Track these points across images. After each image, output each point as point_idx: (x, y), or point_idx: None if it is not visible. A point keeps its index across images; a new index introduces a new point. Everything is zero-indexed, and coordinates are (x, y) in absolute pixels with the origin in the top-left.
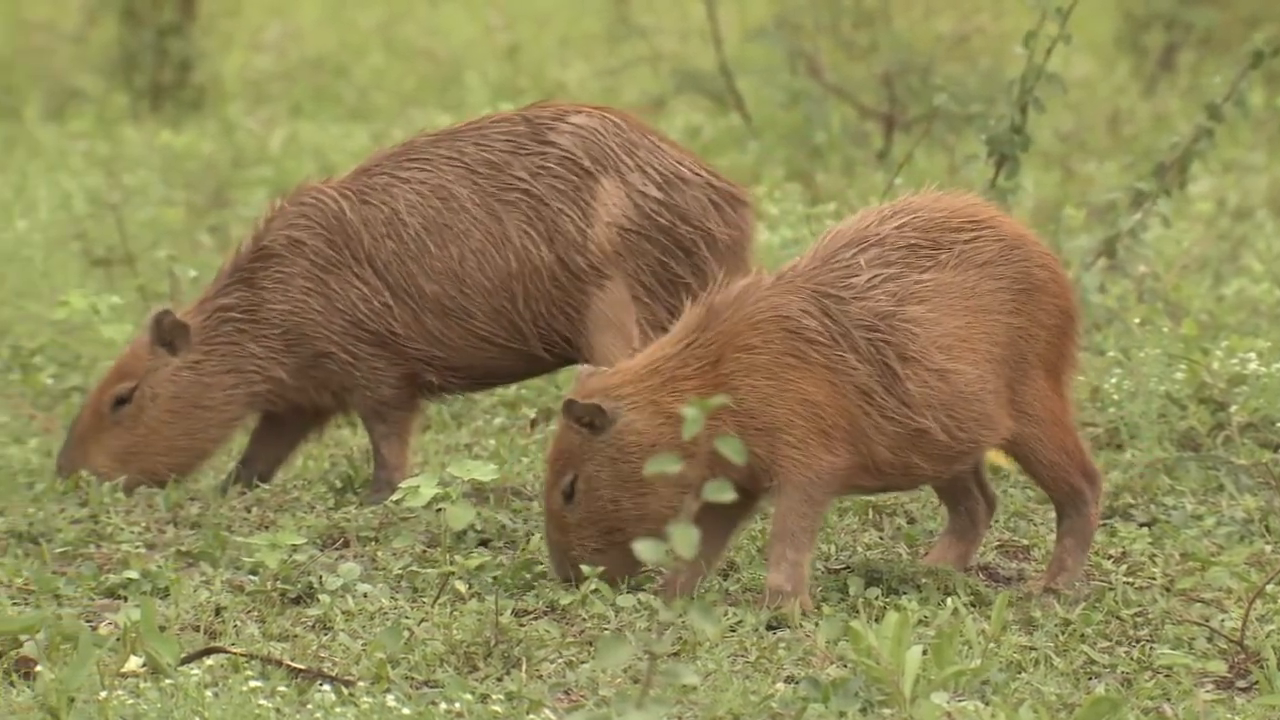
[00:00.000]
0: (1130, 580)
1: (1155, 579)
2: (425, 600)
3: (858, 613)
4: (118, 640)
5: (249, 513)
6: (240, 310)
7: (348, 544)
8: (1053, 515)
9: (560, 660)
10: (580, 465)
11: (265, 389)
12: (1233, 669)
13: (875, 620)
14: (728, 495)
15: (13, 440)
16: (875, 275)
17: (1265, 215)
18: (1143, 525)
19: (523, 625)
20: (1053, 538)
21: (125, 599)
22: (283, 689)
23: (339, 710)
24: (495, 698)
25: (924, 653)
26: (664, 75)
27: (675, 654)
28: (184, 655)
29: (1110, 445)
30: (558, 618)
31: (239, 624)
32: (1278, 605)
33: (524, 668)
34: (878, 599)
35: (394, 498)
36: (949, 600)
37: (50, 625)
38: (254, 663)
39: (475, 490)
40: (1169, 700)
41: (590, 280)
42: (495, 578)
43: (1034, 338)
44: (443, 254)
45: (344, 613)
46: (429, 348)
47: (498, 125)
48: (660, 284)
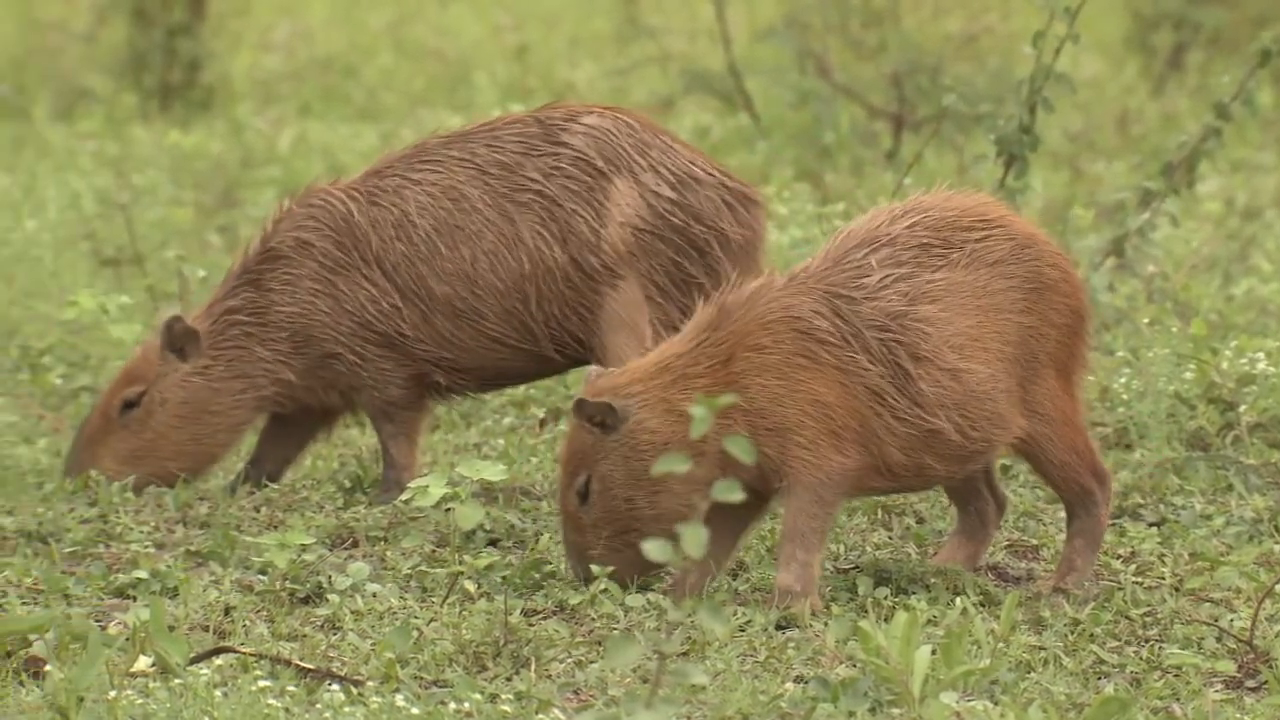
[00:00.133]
0: (1139, 580)
1: (1164, 579)
2: (434, 600)
3: (867, 612)
4: (127, 640)
5: (258, 512)
6: (247, 313)
7: (357, 544)
8: (1062, 515)
9: (569, 660)
10: (593, 465)
11: (273, 392)
12: (1242, 669)
13: (884, 620)
14: (736, 495)
15: (22, 440)
16: (887, 275)
17: (1274, 215)
18: (1152, 525)
19: (532, 625)
20: (1062, 537)
21: (134, 599)
22: (292, 689)
23: (348, 710)
24: (504, 697)
25: (933, 652)
26: (673, 75)
27: (684, 654)
28: (193, 655)
29: (1119, 445)
30: (567, 617)
31: (248, 624)
32: None
33: (533, 667)
34: (887, 599)
35: (403, 497)
36: (958, 600)
37: (59, 625)
38: (263, 662)
39: (484, 490)
40: (1178, 700)
41: (603, 280)
42: (504, 577)
43: (1045, 337)
44: (454, 255)
45: (353, 612)
46: (439, 349)
47: (510, 126)
48: (673, 284)
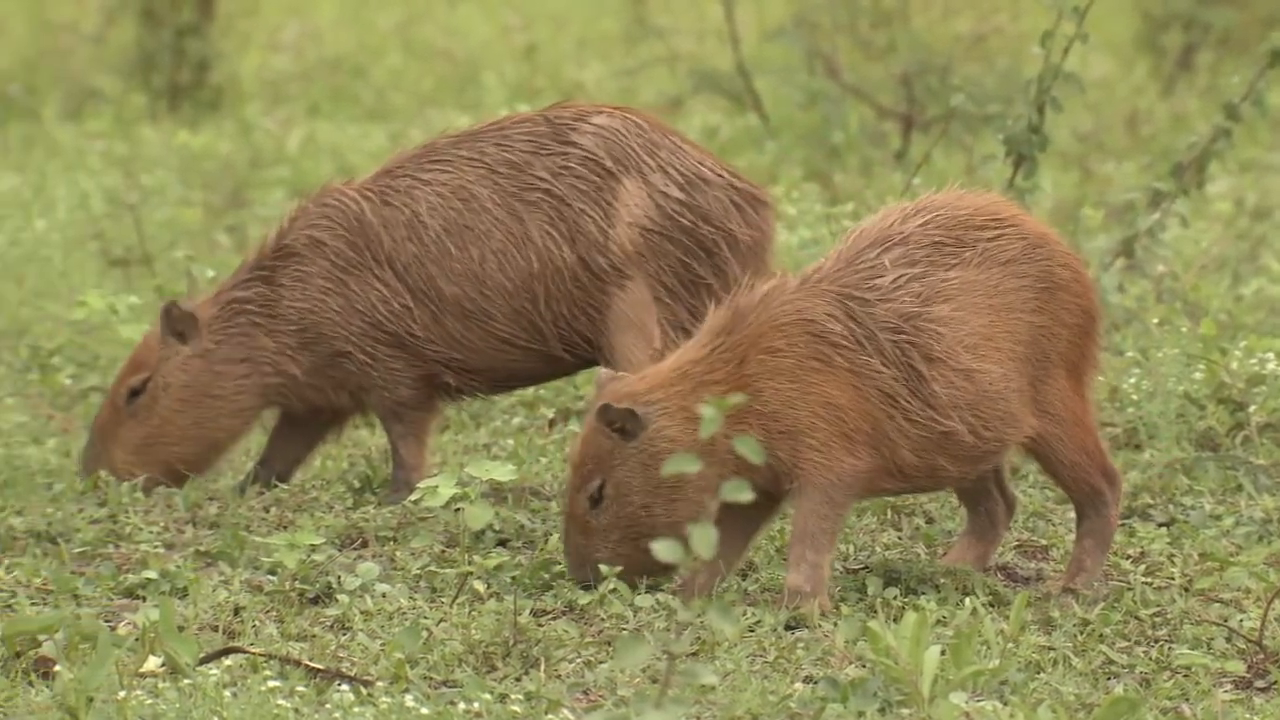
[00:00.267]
0: (1149, 580)
1: (1174, 579)
2: (444, 600)
3: (876, 613)
4: (136, 640)
5: (267, 513)
6: (257, 305)
7: (366, 544)
8: (1071, 515)
9: (579, 660)
10: (609, 471)
11: (277, 381)
12: (1251, 669)
13: (894, 620)
14: (745, 495)
15: (31, 440)
16: (900, 275)
17: None
18: (1161, 525)
19: (541, 625)
20: (1071, 538)
21: (144, 599)
22: (301, 689)
23: (357, 710)
24: (514, 698)
25: (942, 653)
26: (681, 75)
27: (694, 654)
28: (202, 655)
29: (1129, 445)
30: (576, 618)
31: (257, 624)
32: None
33: (542, 668)
34: (896, 599)
35: (412, 498)
36: (967, 600)
37: (69, 625)
38: (272, 663)
39: (493, 490)
40: (1187, 700)
41: (612, 281)
42: (514, 578)
43: (1056, 336)
44: (463, 255)
45: (362, 613)
46: (448, 349)
47: (519, 126)
48: (682, 284)
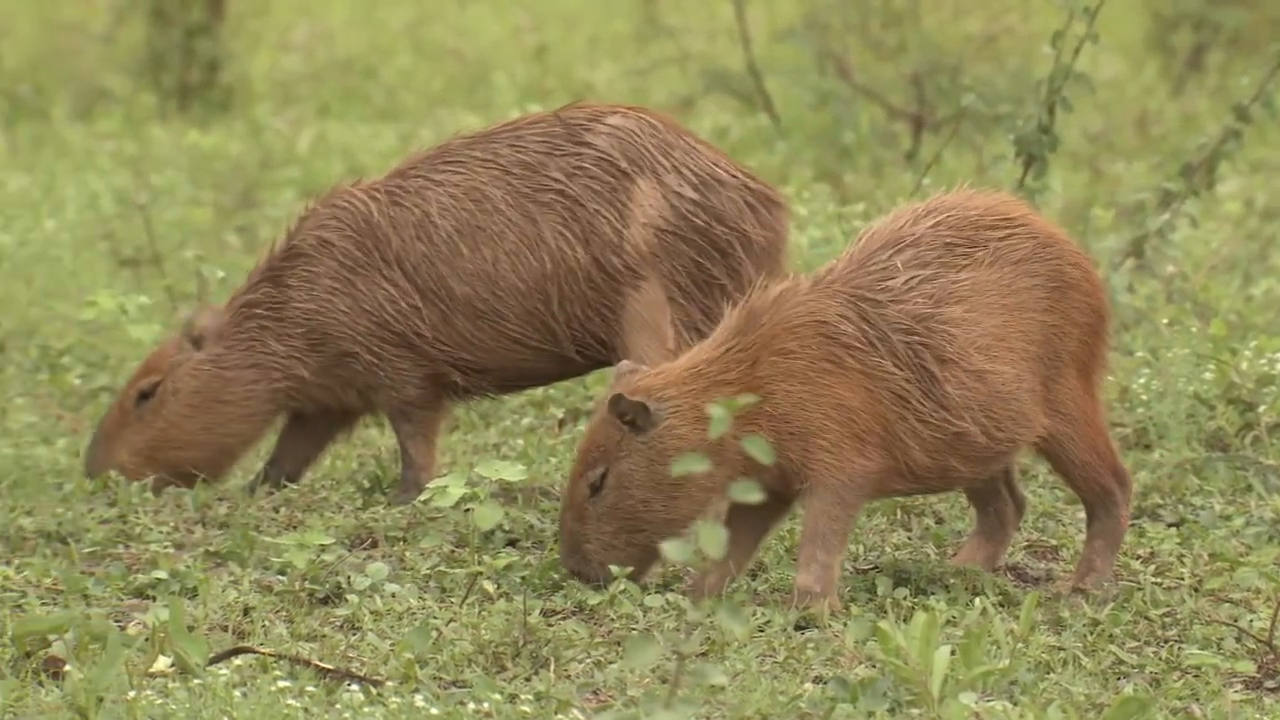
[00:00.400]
0: (1158, 580)
1: (1183, 579)
2: (453, 600)
3: (886, 613)
4: (146, 640)
5: (277, 513)
6: (265, 307)
7: (376, 544)
8: (1081, 516)
9: (588, 660)
10: (613, 461)
11: (287, 385)
12: (1261, 669)
13: (903, 620)
14: (755, 496)
15: (41, 440)
16: (913, 277)
17: None
18: (1171, 525)
19: (551, 625)
20: (1081, 538)
21: (154, 599)
22: (311, 689)
23: (367, 710)
24: (523, 698)
25: (952, 653)
26: (692, 75)
27: (703, 654)
28: (212, 655)
29: (1139, 445)
30: (586, 618)
31: (267, 624)
32: None
33: (552, 668)
34: (906, 599)
35: (422, 498)
36: (977, 600)
37: (79, 625)
38: (282, 663)
39: (503, 490)
40: (1197, 700)
41: (625, 281)
42: (523, 578)
43: (1067, 336)
44: (475, 256)
45: (372, 613)
46: (458, 350)
47: (533, 126)
48: (695, 285)
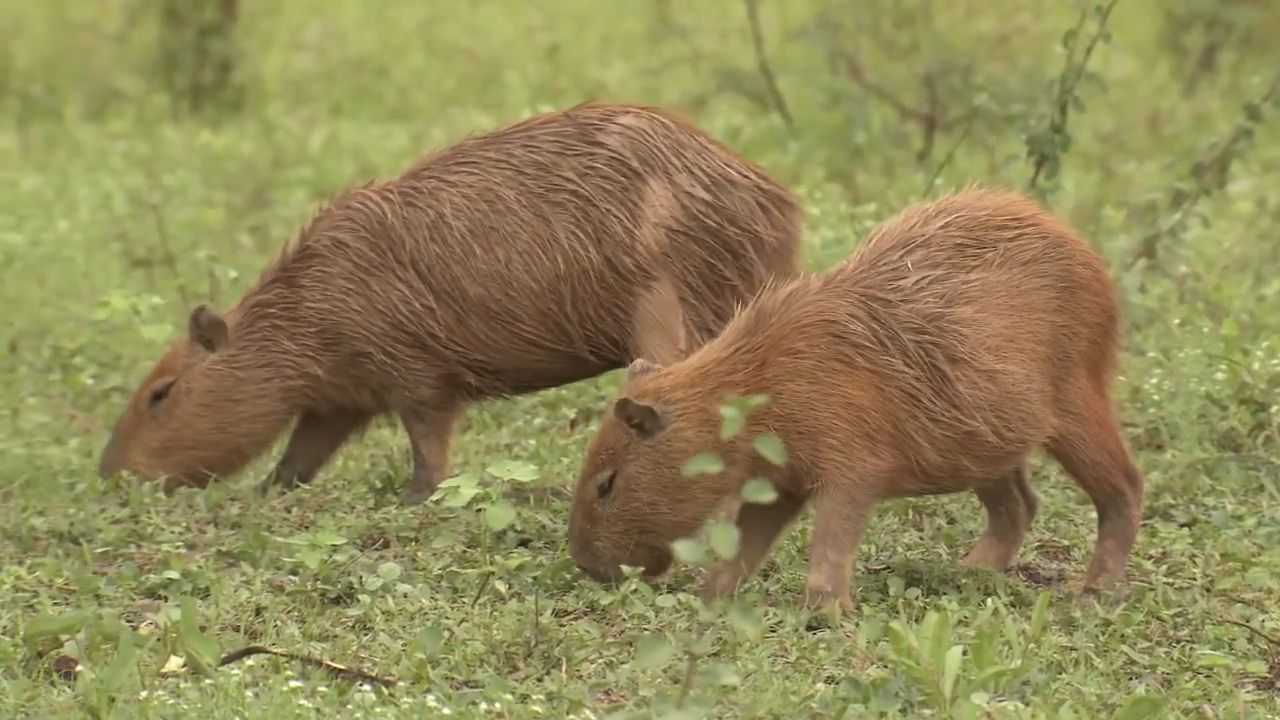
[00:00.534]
0: (1170, 581)
1: (1196, 579)
2: (465, 600)
3: (898, 613)
4: (158, 640)
5: (289, 513)
6: (279, 307)
7: (388, 544)
8: (1093, 516)
9: (600, 660)
10: (622, 463)
11: (300, 384)
12: (1273, 669)
13: (915, 621)
14: (767, 495)
15: (53, 440)
16: (923, 277)
17: None
18: (1183, 526)
19: (563, 625)
20: (1093, 538)
21: (166, 599)
22: (323, 689)
23: (379, 710)
24: (535, 698)
25: (964, 653)
26: (704, 75)
27: (715, 654)
28: (224, 655)
29: (1150, 446)
30: (598, 618)
31: (279, 624)
32: None
33: (564, 668)
34: (918, 599)
35: (434, 498)
36: (989, 601)
37: (91, 625)
38: (294, 663)
39: (515, 490)
40: (1209, 701)
41: (638, 281)
42: (535, 578)
43: (1077, 335)
44: (489, 257)
45: (384, 613)
46: (471, 350)
47: (546, 126)
48: (707, 285)
